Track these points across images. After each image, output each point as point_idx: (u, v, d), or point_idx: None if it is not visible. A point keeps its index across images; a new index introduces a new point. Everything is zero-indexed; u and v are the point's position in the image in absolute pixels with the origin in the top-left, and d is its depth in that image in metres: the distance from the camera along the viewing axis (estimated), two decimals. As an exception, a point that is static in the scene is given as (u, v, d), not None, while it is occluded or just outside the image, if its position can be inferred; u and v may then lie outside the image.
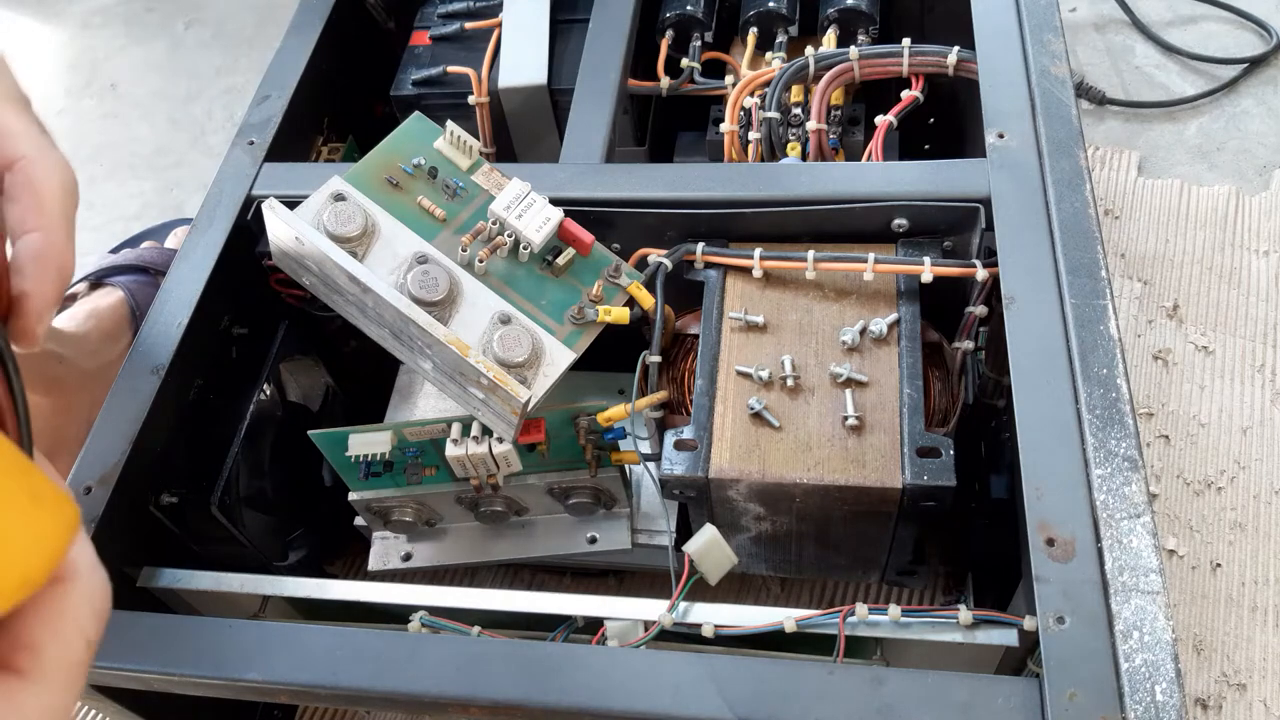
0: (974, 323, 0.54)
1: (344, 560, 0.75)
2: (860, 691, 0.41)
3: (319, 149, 0.73)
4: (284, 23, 0.72)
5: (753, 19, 0.72)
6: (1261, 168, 0.88)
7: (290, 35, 0.72)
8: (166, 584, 0.54)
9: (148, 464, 0.54)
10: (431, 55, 0.74)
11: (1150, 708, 0.38)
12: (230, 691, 0.47)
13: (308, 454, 0.58)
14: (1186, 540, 0.69)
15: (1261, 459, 0.72)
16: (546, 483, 0.58)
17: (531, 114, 0.72)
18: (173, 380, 0.56)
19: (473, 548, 0.62)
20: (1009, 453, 0.50)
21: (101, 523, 0.50)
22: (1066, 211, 0.52)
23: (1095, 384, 0.46)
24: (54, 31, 1.24)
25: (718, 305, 0.56)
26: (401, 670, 0.45)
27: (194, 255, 0.60)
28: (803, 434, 0.51)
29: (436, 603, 0.51)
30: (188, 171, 1.07)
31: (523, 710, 0.44)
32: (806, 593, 0.70)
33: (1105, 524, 0.42)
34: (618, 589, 0.71)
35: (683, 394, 0.56)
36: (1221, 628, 0.65)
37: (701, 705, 0.42)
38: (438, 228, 0.55)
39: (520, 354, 0.51)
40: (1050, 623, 0.41)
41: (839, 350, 0.53)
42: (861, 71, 0.64)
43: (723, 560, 0.51)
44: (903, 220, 0.56)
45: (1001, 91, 0.58)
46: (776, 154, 0.64)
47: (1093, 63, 0.98)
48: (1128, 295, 0.81)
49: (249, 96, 0.68)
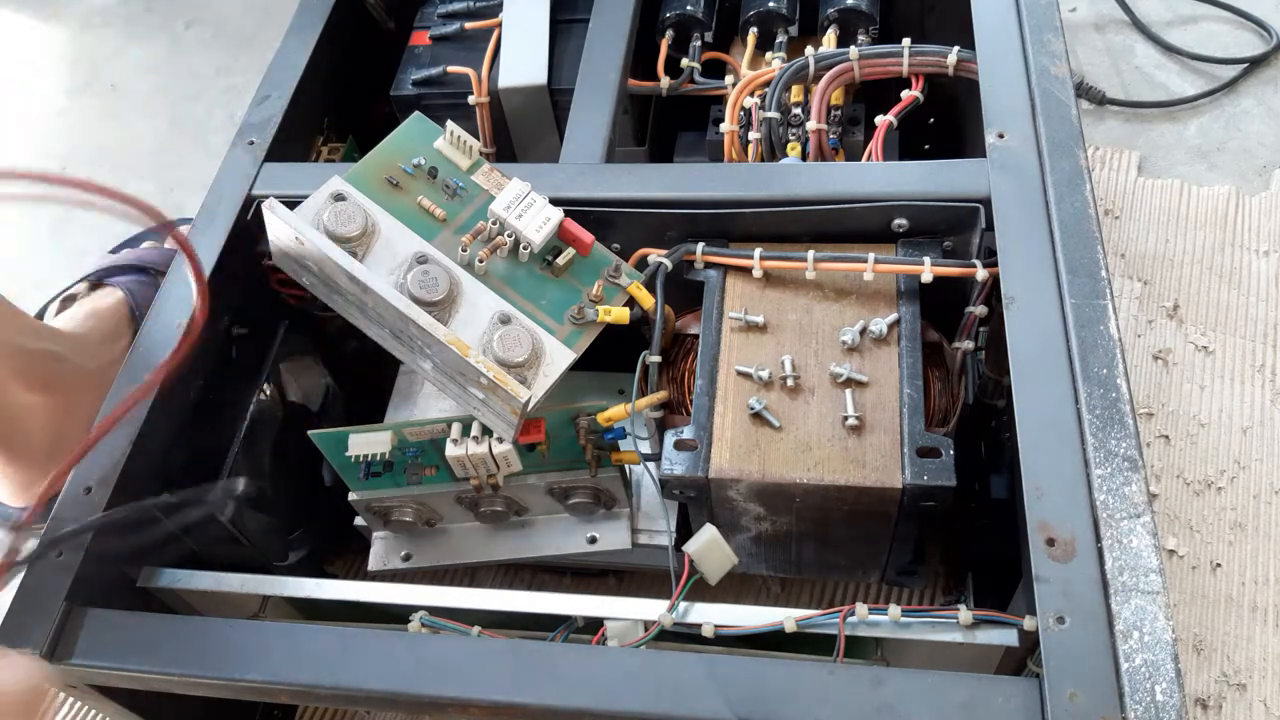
0: (974, 323, 0.54)
1: (344, 560, 0.75)
2: (860, 691, 0.41)
3: (319, 149, 0.73)
4: (284, 23, 0.72)
5: (753, 19, 0.72)
6: (1261, 168, 0.88)
7: (290, 35, 0.72)
8: (166, 584, 0.54)
9: (148, 464, 0.54)
10: (431, 55, 0.74)
11: (1150, 708, 0.38)
12: (230, 691, 0.47)
13: (308, 454, 0.58)
14: (1186, 540, 0.69)
15: (1261, 459, 0.72)
16: (546, 483, 0.58)
17: (531, 114, 0.72)
18: (173, 380, 0.55)
19: (473, 548, 0.62)
20: (1009, 453, 0.50)
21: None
22: (1066, 211, 0.52)
23: (1095, 384, 0.46)
24: (54, 31, 1.24)
25: (718, 305, 0.56)
26: (400, 670, 0.45)
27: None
28: (803, 434, 0.51)
29: (436, 603, 0.51)
30: (188, 171, 1.07)
31: (523, 710, 0.44)
32: (806, 593, 0.70)
33: (1105, 524, 0.42)
34: (618, 589, 0.71)
35: (683, 394, 0.56)
36: (1221, 628, 0.65)
37: (701, 705, 0.42)
38: (438, 228, 0.55)
39: (520, 354, 0.51)
40: (1050, 623, 0.41)
41: (839, 350, 0.53)
42: (861, 71, 0.64)
43: (723, 560, 0.51)
44: (903, 220, 0.56)
45: (1001, 91, 0.58)
46: (776, 154, 0.64)
47: (1093, 63, 0.98)
48: (1128, 295, 0.81)
49: (249, 96, 0.68)
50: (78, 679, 0.49)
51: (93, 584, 0.50)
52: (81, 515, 0.50)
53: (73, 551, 0.49)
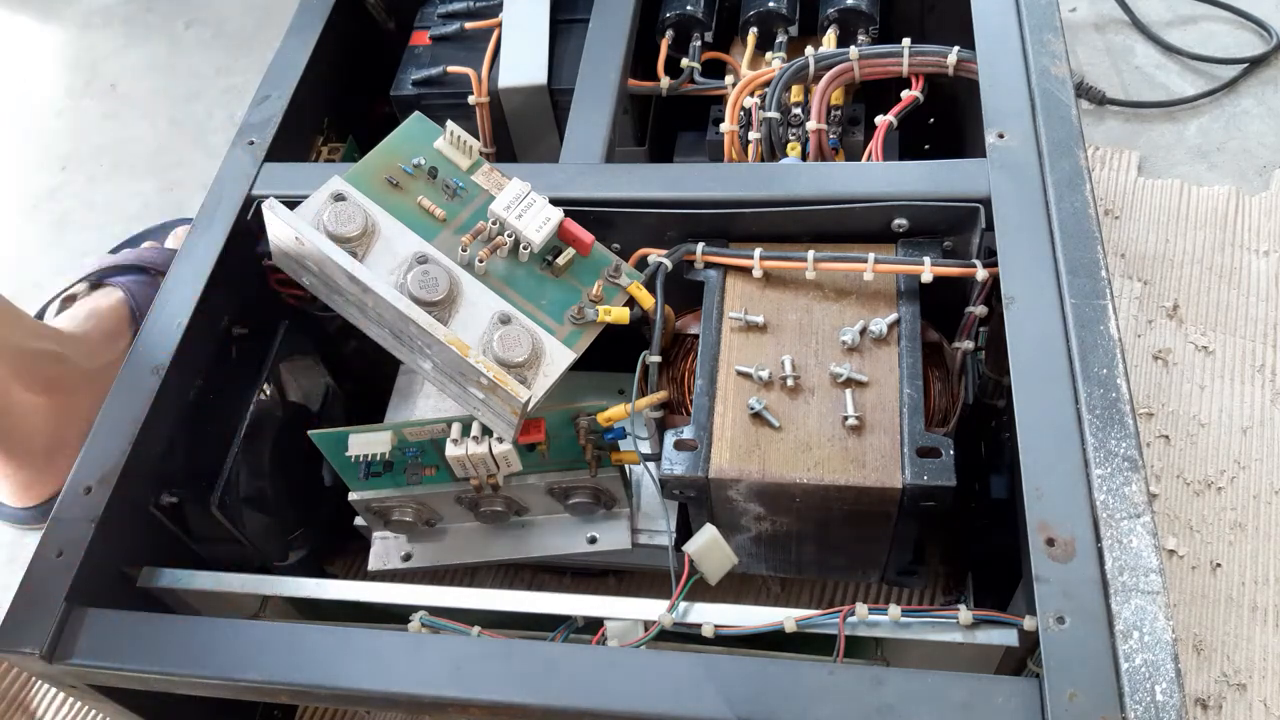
0: (974, 323, 0.54)
1: (344, 560, 0.75)
2: (860, 691, 0.41)
3: (319, 149, 0.73)
4: (284, 23, 0.72)
5: (753, 19, 0.72)
6: (1261, 168, 0.88)
7: (290, 35, 0.72)
8: (166, 584, 0.54)
9: (148, 464, 0.54)
10: (431, 55, 0.74)
11: (1150, 708, 0.38)
12: (230, 691, 0.47)
13: (308, 454, 0.58)
14: (1186, 540, 0.69)
15: (1261, 459, 0.72)
16: (546, 483, 0.58)
17: (531, 114, 0.72)
18: (173, 380, 0.56)
19: (473, 548, 0.62)
20: (1009, 453, 0.50)
21: (101, 523, 0.50)
22: (1066, 211, 0.52)
23: (1095, 384, 0.46)
24: (54, 31, 1.24)
25: (718, 305, 0.56)
26: (401, 670, 0.45)
27: (194, 255, 0.60)
28: (803, 434, 0.51)
29: (436, 603, 0.51)
30: (188, 171, 1.07)
31: (523, 710, 0.44)
32: (806, 593, 0.70)
33: (1105, 524, 0.42)
34: (618, 589, 0.71)
35: (683, 394, 0.56)
36: (1221, 628, 0.65)
37: (701, 705, 0.42)
38: (438, 228, 0.55)
39: (520, 354, 0.51)
40: (1050, 623, 0.41)
41: (839, 350, 0.53)
42: (861, 71, 0.64)
43: (723, 560, 0.51)
44: (903, 220, 0.55)
45: (1001, 91, 0.58)
46: (776, 154, 0.64)
47: (1093, 63, 0.98)
48: (1128, 295, 0.81)
49: (249, 96, 0.68)
50: (78, 679, 0.49)
51: (93, 584, 0.49)
52: (81, 515, 0.50)
53: (73, 551, 0.49)
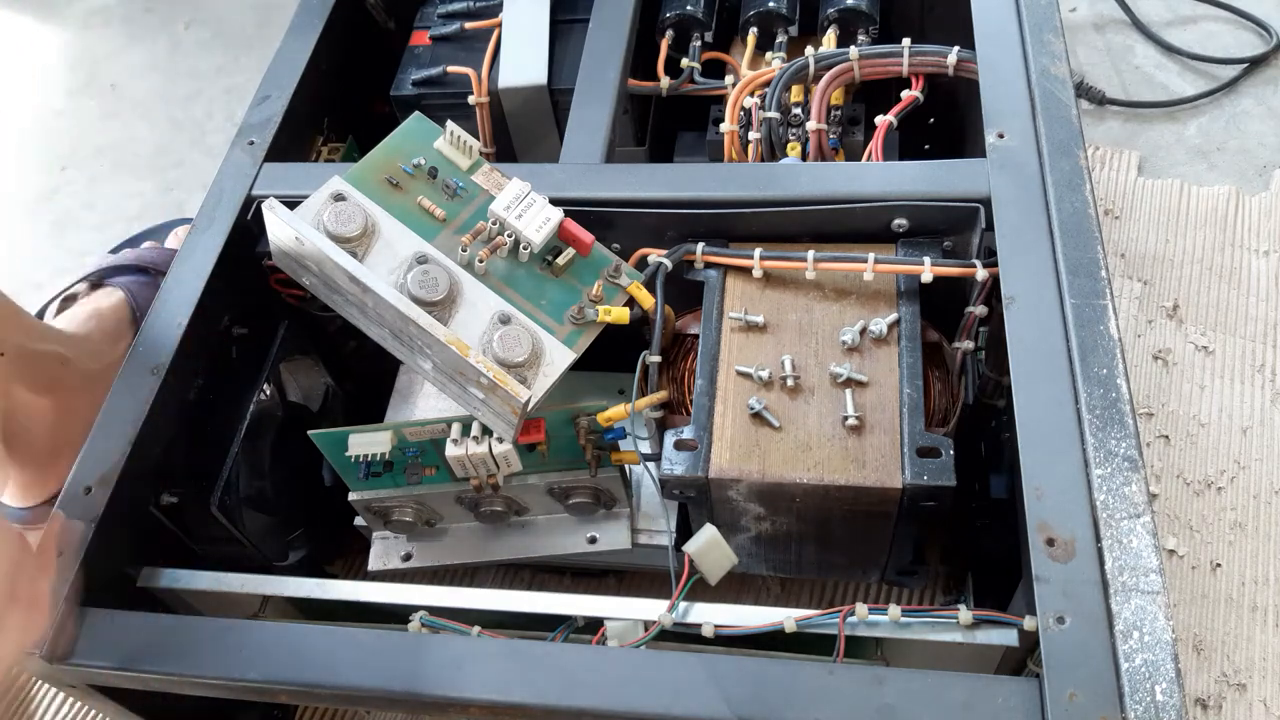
0: (974, 323, 0.54)
1: (344, 560, 0.75)
2: (860, 691, 0.41)
3: (319, 149, 0.73)
4: (284, 23, 0.72)
5: (753, 19, 0.72)
6: (1261, 168, 0.88)
7: (290, 35, 0.72)
8: (166, 584, 0.54)
9: (148, 464, 0.54)
10: (431, 55, 0.74)
11: (1150, 708, 0.38)
12: (230, 691, 0.47)
13: (308, 454, 0.58)
14: (1186, 540, 0.69)
15: (1261, 459, 0.72)
16: (546, 483, 0.58)
17: (531, 114, 0.72)
18: (173, 380, 0.56)
19: (473, 548, 0.62)
20: (1009, 453, 0.50)
21: (101, 523, 0.50)
22: (1066, 211, 0.52)
23: (1095, 384, 0.46)
24: (54, 31, 1.24)
25: (718, 305, 0.56)
26: (401, 670, 0.45)
27: (194, 255, 0.60)
28: (803, 434, 0.51)
29: (436, 603, 0.51)
30: (188, 171, 1.07)
31: (523, 710, 0.44)
32: (806, 593, 0.70)
33: (1105, 524, 0.42)
34: (618, 589, 0.71)
35: (683, 394, 0.56)
36: (1221, 628, 0.65)
37: (701, 705, 0.42)
38: (438, 228, 0.55)
39: (520, 354, 0.51)
40: (1050, 623, 0.41)
41: (839, 350, 0.53)
42: (861, 71, 0.64)
43: (723, 560, 0.51)
44: (903, 220, 0.55)
45: (1001, 91, 0.58)
46: (776, 154, 0.64)
47: (1093, 63, 0.98)
48: (1128, 295, 0.81)
49: (249, 96, 0.68)
50: (78, 679, 0.49)
51: (93, 584, 0.49)
52: (81, 515, 0.50)
53: (72, 551, 0.49)
